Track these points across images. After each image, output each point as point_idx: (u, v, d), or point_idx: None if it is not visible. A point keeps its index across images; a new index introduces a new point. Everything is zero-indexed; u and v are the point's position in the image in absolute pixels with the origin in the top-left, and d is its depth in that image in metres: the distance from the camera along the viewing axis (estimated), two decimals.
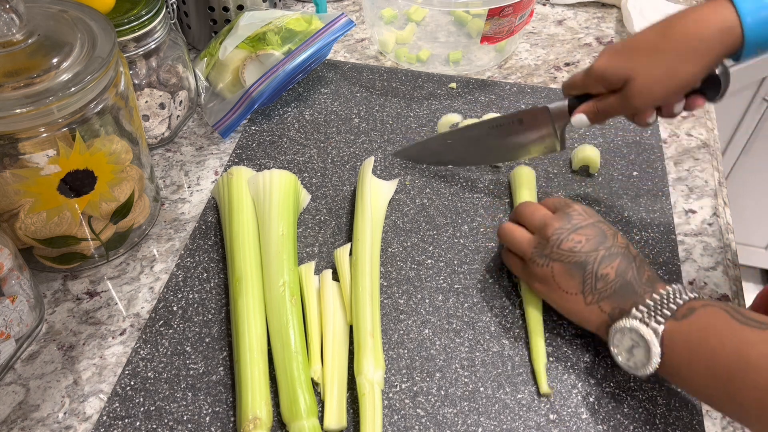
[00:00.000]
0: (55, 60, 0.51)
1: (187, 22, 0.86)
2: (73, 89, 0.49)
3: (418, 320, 0.58)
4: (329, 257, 0.63)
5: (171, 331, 0.58)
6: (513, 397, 0.53)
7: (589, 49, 0.90)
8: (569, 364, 0.55)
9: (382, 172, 0.71)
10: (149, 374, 0.55)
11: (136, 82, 0.70)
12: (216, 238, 0.65)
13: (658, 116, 0.60)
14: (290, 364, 0.52)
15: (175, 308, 0.59)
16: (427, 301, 0.60)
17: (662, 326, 0.47)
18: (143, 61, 0.70)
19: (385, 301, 0.60)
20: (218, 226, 0.66)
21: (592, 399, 0.53)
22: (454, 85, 0.82)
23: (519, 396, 0.53)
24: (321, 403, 0.52)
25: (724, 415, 0.47)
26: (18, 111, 0.48)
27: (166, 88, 0.73)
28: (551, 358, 0.55)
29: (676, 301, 0.49)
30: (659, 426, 0.52)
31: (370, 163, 0.67)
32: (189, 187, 0.71)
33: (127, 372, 0.55)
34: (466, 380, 0.54)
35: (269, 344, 0.54)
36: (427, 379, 0.54)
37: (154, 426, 0.52)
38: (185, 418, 0.52)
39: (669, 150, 0.76)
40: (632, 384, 0.54)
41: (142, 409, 0.53)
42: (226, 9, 0.82)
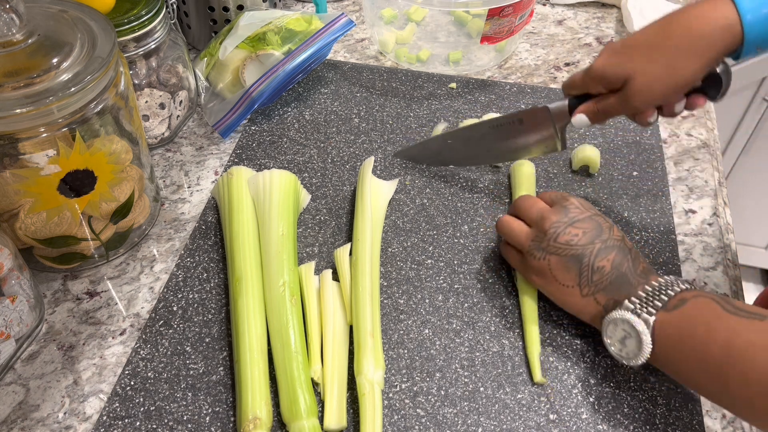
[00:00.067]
0: (55, 60, 0.51)
1: (187, 22, 0.86)
2: (73, 89, 0.49)
3: (418, 320, 0.58)
4: (329, 257, 0.63)
5: (171, 331, 0.58)
6: (513, 397, 0.53)
7: (589, 49, 0.90)
8: (569, 364, 0.55)
9: (382, 172, 0.71)
10: (149, 374, 0.55)
11: (136, 82, 0.70)
12: (216, 238, 0.65)
13: (659, 116, 0.60)
14: (290, 364, 0.52)
15: (175, 308, 0.59)
16: (427, 301, 0.60)
17: (653, 317, 0.48)
18: (143, 61, 0.70)
19: (385, 301, 0.60)
20: (218, 226, 0.66)
21: (592, 399, 0.53)
22: (454, 85, 0.82)
23: (519, 396, 0.53)
24: (321, 403, 0.52)
25: (714, 403, 0.48)
26: (18, 111, 0.48)
27: (166, 88, 0.73)
28: (551, 359, 0.56)
29: (668, 292, 0.49)
30: (659, 426, 0.52)
31: (370, 163, 0.67)
32: (189, 187, 0.71)
33: (127, 372, 0.55)
34: (466, 380, 0.54)
35: (269, 344, 0.54)
36: (427, 379, 0.54)
37: (154, 426, 0.52)
38: (185, 418, 0.52)
39: (669, 150, 0.76)
40: (632, 384, 0.54)
41: (142, 409, 0.53)
42: (226, 9, 0.82)
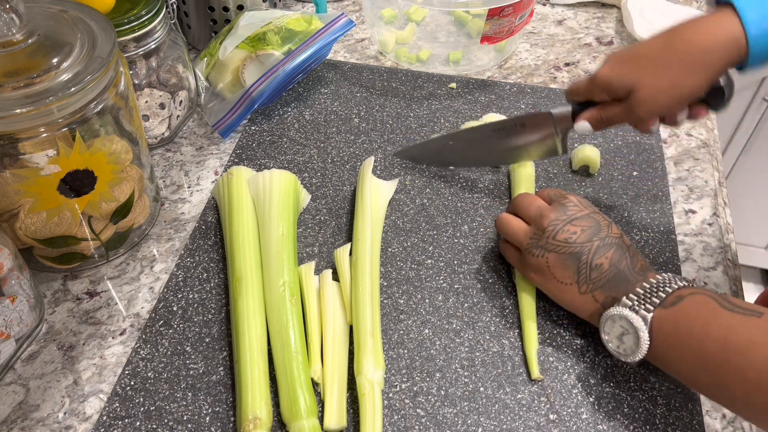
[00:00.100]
0: (55, 60, 0.51)
1: (187, 22, 0.86)
2: (73, 89, 0.49)
3: (418, 320, 0.58)
4: (329, 257, 0.63)
5: (171, 331, 0.58)
6: (513, 397, 0.53)
7: (589, 49, 0.90)
8: (570, 363, 0.55)
9: (382, 172, 0.71)
10: (149, 374, 0.55)
11: (136, 82, 0.70)
12: (216, 238, 0.65)
13: (662, 124, 0.60)
14: (290, 364, 0.52)
15: (175, 308, 0.59)
16: (427, 301, 0.60)
17: (651, 314, 0.48)
18: (143, 61, 0.70)
19: (385, 301, 0.60)
20: (218, 226, 0.66)
21: (592, 399, 0.53)
22: (454, 85, 0.82)
23: (519, 396, 0.53)
24: (321, 403, 0.52)
25: (712, 400, 0.48)
26: (18, 111, 0.48)
27: (166, 88, 0.73)
28: (551, 358, 0.56)
29: (666, 289, 0.49)
30: (659, 426, 0.52)
31: (370, 163, 0.67)
32: (189, 187, 0.71)
33: (127, 372, 0.55)
34: (466, 380, 0.54)
35: (269, 344, 0.54)
36: (427, 379, 0.54)
37: (154, 426, 0.52)
38: (185, 418, 0.52)
39: (669, 150, 0.76)
40: (632, 384, 0.54)
41: (142, 409, 0.53)
42: (226, 9, 0.82)
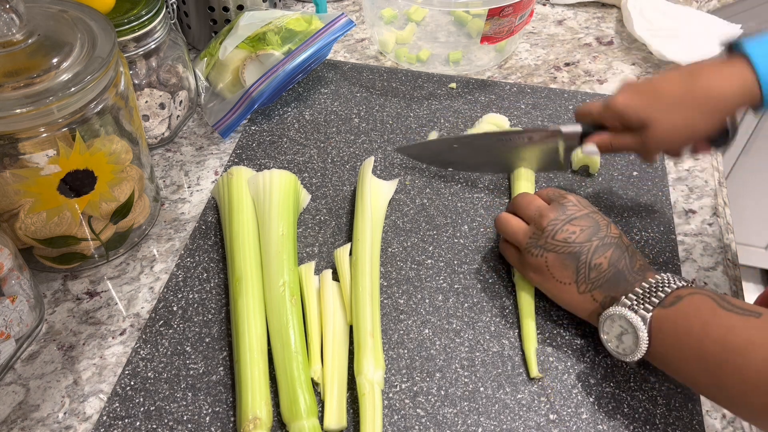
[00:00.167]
0: (55, 60, 0.51)
1: (187, 22, 0.86)
2: (73, 89, 0.49)
3: (418, 320, 0.58)
4: (329, 257, 0.63)
5: (171, 331, 0.58)
6: (513, 397, 0.53)
7: (589, 49, 0.90)
8: (570, 363, 0.55)
9: (382, 172, 0.71)
10: (149, 374, 0.55)
11: (136, 82, 0.70)
12: (216, 238, 0.65)
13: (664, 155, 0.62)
14: (290, 364, 0.52)
15: (175, 308, 0.59)
16: (427, 301, 0.60)
17: (650, 313, 0.48)
18: (143, 61, 0.70)
19: (385, 301, 0.60)
20: (218, 226, 0.66)
21: (592, 399, 0.53)
22: (454, 85, 0.82)
23: (519, 396, 0.53)
24: (321, 403, 0.52)
25: (711, 400, 0.48)
26: (18, 111, 0.48)
27: (166, 88, 0.73)
28: (551, 358, 0.56)
29: (665, 289, 0.49)
30: (659, 426, 0.52)
31: (370, 163, 0.67)
32: (189, 187, 0.71)
33: (127, 372, 0.55)
34: (466, 380, 0.54)
35: (269, 344, 0.54)
36: (427, 379, 0.54)
37: (154, 426, 0.52)
38: (185, 418, 0.52)
39: None
40: (632, 384, 0.54)
41: (142, 409, 0.53)
42: (226, 9, 0.82)
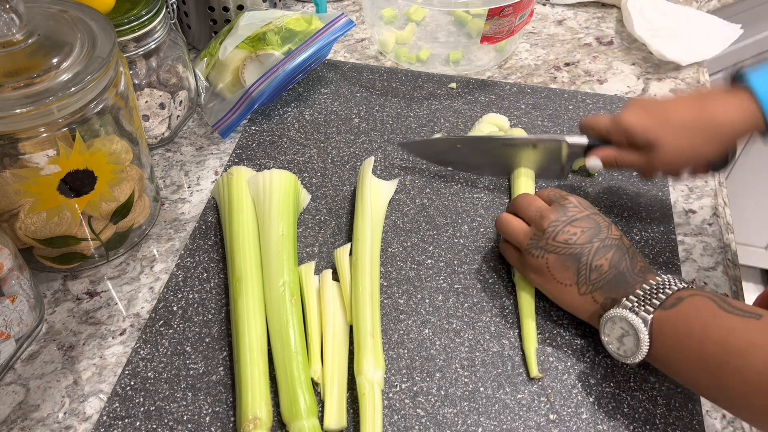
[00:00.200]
0: (55, 60, 0.51)
1: (187, 22, 0.86)
2: (73, 89, 0.49)
3: (418, 320, 0.58)
4: (329, 257, 0.63)
5: (171, 331, 0.58)
6: (513, 397, 0.53)
7: (589, 49, 0.90)
8: (570, 363, 0.55)
9: (382, 172, 0.71)
10: (149, 374, 0.55)
11: (136, 82, 0.70)
12: (216, 238, 0.65)
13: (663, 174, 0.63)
14: (290, 364, 0.52)
15: (175, 308, 0.59)
16: (427, 301, 0.60)
17: (651, 315, 0.48)
18: (143, 61, 0.70)
19: (385, 301, 0.60)
20: (218, 226, 0.66)
21: (592, 399, 0.53)
22: (454, 85, 0.82)
23: (519, 396, 0.53)
24: (321, 403, 0.52)
25: (712, 402, 0.48)
26: (18, 111, 0.48)
27: (166, 88, 0.73)
28: (551, 358, 0.56)
29: (666, 290, 0.49)
30: (659, 426, 0.52)
31: (370, 163, 0.67)
32: (189, 187, 0.71)
33: (127, 372, 0.55)
34: (466, 380, 0.54)
35: (269, 344, 0.54)
36: (427, 379, 0.54)
37: (154, 426, 0.52)
38: (185, 418, 0.52)
39: None
40: (632, 384, 0.54)
41: (142, 409, 0.53)
42: (226, 9, 0.82)
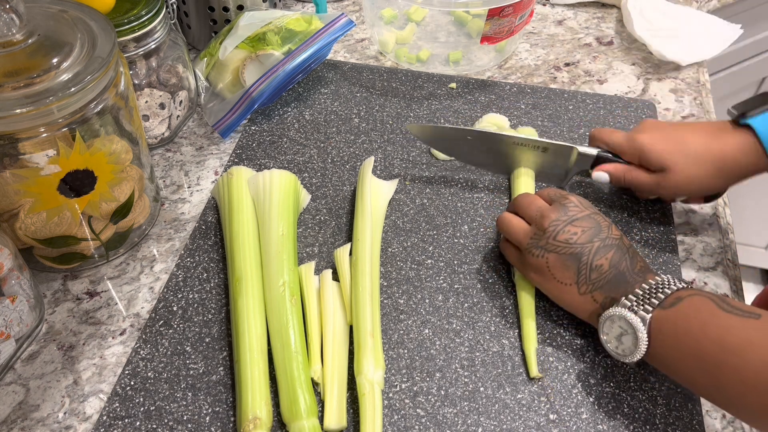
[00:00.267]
0: (55, 60, 0.51)
1: (187, 22, 0.86)
2: (73, 89, 0.49)
3: (418, 320, 0.58)
4: (329, 257, 0.63)
5: (171, 331, 0.58)
6: (513, 397, 0.53)
7: (589, 49, 0.90)
8: (570, 363, 0.55)
9: (382, 172, 0.71)
10: (149, 374, 0.55)
11: (136, 82, 0.70)
12: (216, 238, 0.65)
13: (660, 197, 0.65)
14: (290, 364, 0.52)
15: (175, 308, 0.59)
16: (427, 301, 0.60)
17: (650, 314, 0.48)
18: (143, 61, 0.70)
19: (385, 301, 0.60)
20: (218, 226, 0.66)
21: (592, 399, 0.53)
22: (454, 85, 0.82)
23: (519, 396, 0.53)
24: (321, 403, 0.52)
25: (710, 402, 0.48)
26: (18, 111, 0.48)
27: (166, 88, 0.73)
28: (551, 358, 0.56)
29: (665, 290, 0.50)
30: (659, 426, 0.52)
31: (370, 163, 0.67)
32: (189, 187, 0.71)
33: (127, 372, 0.55)
34: (466, 380, 0.54)
35: (269, 344, 0.54)
36: (427, 379, 0.54)
37: (154, 426, 0.52)
38: (185, 418, 0.52)
39: None
40: (632, 384, 0.54)
41: (142, 409, 0.53)
42: (226, 9, 0.82)
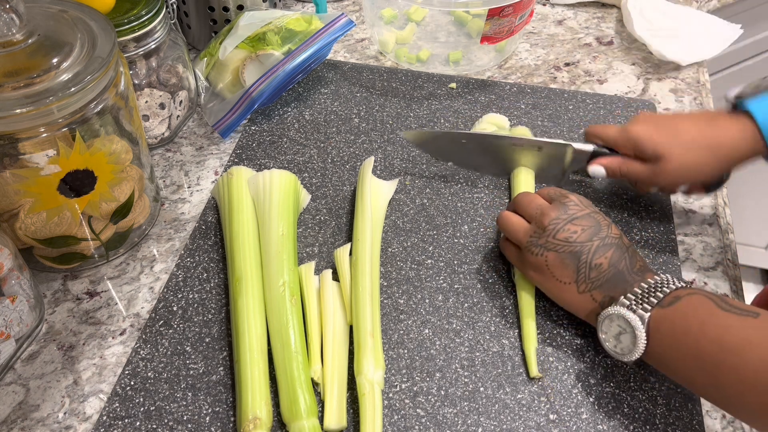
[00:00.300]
0: (55, 60, 0.51)
1: (187, 22, 0.86)
2: (73, 89, 0.49)
3: (418, 320, 0.58)
4: (329, 257, 0.63)
5: (171, 331, 0.58)
6: (513, 397, 0.53)
7: (589, 49, 0.90)
8: (570, 363, 0.55)
9: (382, 172, 0.71)
10: (149, 374, 0.55)
11: (136, 82, 0.70)
12: (216, 238, 0.65)
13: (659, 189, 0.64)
14: (290, 364, 0.52)
15: (175, 308, 0.59)
16: (427, 301, 0.60)
17: (648, 313, 0.48)
18: (143, 61, 0.70)
19: (385, 301, 0.60)
20: (218, 226, 0.66)
21: (592, 399, 0.53)
22: (454, 85, 0.82)
23: (519, 396, 0.53)
24: (321, 403, 0.52)
25: (708, 401, 0.48)
26: (18, 111, 0.48)
27: (166, 88, 0.73)
28: (551, 358, 0.56)
29: (663, 289, 0.50)
30: (659, 426, 0.52)
31: (370, 163, 0.67)
32: (189, 187, 0.71)
33: (127, 372, 0.55)
34: (466, 380, 0.54)
35: (269, 344, 0.54)
36: (427, 379, 0.54)
37: (154, 426, 0.52)
38: (185, 418, 0.52)
39: None
40: (632, 384, 0.54)
41: (142, 409, 0.53)
42: (226, 9, 0.82)
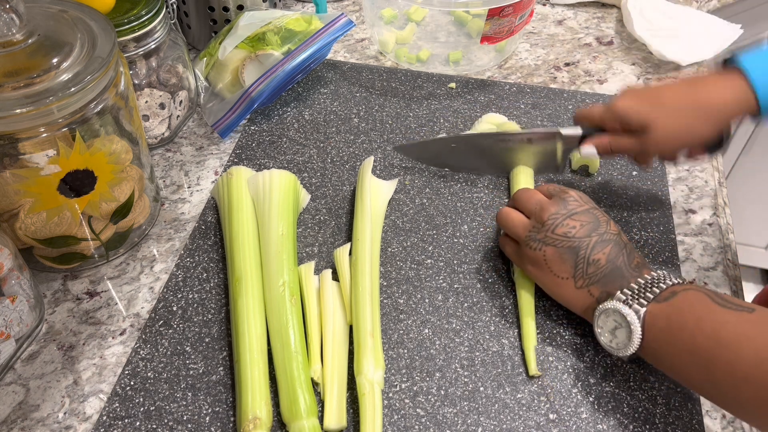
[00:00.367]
0: (55, 60, 0.51)
1: (187, 22, 0.86)
2: (73, 89, 0.49)
3: (418, 320, 0.58)
4: (329, 257, 0.63)
5: (171, 331, 0.58)
6: (513, 397, 0.53)
7: (589, 49, 0.90)
8: (570, 363, 0.55)
9: (382, 172, 0.71)
10: (149, 374, 0.55)
11: (136, 82, 0.70)
12: (216, 238, 0.65)
13: (661, 161, 0.63)
14: (290, 364, 0.52)
15: (175, 308, 0.59)
16: (427, 301, 0.60)
17: (644, 308, 0.49)
18: (143, 61, 0.70)
19: (385, 301, 0.60)
20: (218, 226, 0.66)
21: (591, 398, 0.53)
22: (453, 85, 0.82)
23: (519, 396, 0.53)
24: (321, 403, 0.52)
25: (703, 397, 0.48)
26: (18, 111, 0.48)
27: (166, 88, 0.73)
28: (551, 358, 0.56)
29: (660, 285, 0.50)
30: (659, 426, 0.52)
31: (369, 163, 0.67)
32: (189, 187, 0.71)
33: (127, 372, 0.55)
34: (466, 380, 0.54)
35: (269, 344, 0.55)
36: (427, 379, 0.54)
37: (154, 426, 0.52)
38: (185, 418, 0.52)
39: None
40: (632, 383, 0.54)
41: (142, 409, 0.53)
42: (226, 9, 0.82)
